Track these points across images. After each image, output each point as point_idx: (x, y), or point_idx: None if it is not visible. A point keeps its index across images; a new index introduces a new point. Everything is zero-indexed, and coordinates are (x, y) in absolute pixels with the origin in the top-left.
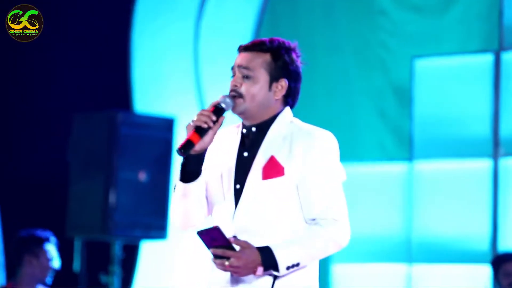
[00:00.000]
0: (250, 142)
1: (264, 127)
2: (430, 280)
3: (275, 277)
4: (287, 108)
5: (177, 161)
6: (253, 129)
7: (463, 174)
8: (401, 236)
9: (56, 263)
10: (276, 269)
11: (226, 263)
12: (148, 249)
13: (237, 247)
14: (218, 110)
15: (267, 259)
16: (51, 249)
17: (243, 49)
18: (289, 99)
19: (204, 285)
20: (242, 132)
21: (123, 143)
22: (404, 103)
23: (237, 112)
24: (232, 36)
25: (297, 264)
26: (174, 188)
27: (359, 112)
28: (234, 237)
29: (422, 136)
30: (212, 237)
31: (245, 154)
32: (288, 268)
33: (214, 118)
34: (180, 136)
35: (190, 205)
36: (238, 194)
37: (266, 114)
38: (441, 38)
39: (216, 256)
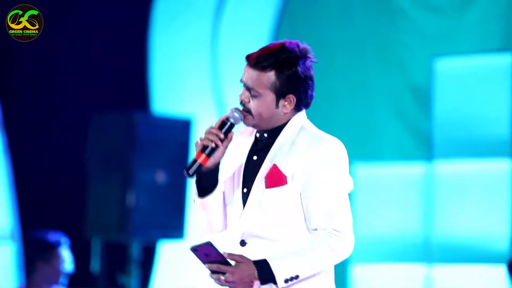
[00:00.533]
0: (262, 145)
1: (275, 132)
2: (449, 280)
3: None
4: (300, 113)
5: None
6: (265, 134)
7: (482, 174)
8: (421, 236)
9: (68, 266)
10: (275, 282)
11: (222, 278)
12: (165, 249)
13: (233, 262)
14: (225, 126)
15: (263, 273)
16: (63, 252)
17: (248, 63)
18: (301, 106)
19: None
20: (256, 135)
21: (140, 144)
22: (423, 103)
23: (247, 125)
24: (250, 36)
25: (296, 277)
26: (194, 201)
27: (378, 113)
28: (233, 253)
29: (441, 136)
30: (206, 253)
31: (255, 157)
32: (286, 281)
33: (222, 136)
34: (196, 137)
35: (211, 215)
36: (245, 198)
37: (277, 123)
38: (460, 37)
39: (212, 271)
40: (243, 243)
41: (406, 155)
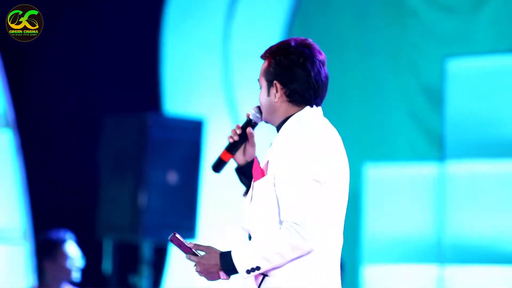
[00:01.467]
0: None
1: (279, 129)
2: (462, 281)
3: (263, 277)
4: (303, 109)
5: (206, 162)
6: (276, 131)
7: (494, 174)
8: (433, 237)
9: (77, 261)
10: (237, 273)
11: (193, 267)
12: (177, 250)
13: (202, 253)
14: (247, 123)
15: (225, 263)
16: (69, 249)
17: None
18: (295, 99)
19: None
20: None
21: (152, 145)
22: (435, 103)
23: (265, 122)
24: (263, 36)
25: (258, 268)
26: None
27: (391, 113)
28: (199, 243)
29: (453, 137)
30: (179, 244)
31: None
32: (248, 271)
33: (239, 132)
34: (209, 138)
35: None
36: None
37: (278, 118)
38: (472, 38)
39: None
40: (249, 237)
41: (419, 156)
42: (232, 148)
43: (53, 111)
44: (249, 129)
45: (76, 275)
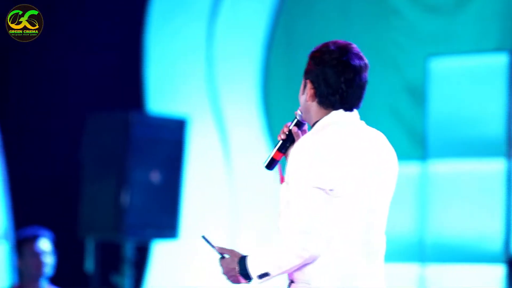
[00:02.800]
0: None
1: None
2: (443, 280)
3: (290, 284)
4: (330, 114)
5: (189, 161)
6: None
7: (476, 174)
8: (415, 236)
9: (47, 257)
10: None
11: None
12: (160, 249)
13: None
14: (294, 122)
15: (242, 268)
16: (38, 245)
17: None
18: (323, 102)
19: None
20: None
21: (136, 144)
22: (418, 103)
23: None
24: (246, 36)
25: (267, 274)
26: None
27: (373, 112)
28: (224, 247)
29: (436, 136)
30: (209, 245)
31: None
32: (260, 277)
33: (286, 131)
34: (192, 137)
35: None
36: None
37: (312, 119)
38: (455, 37)
39: None
40: None
41: (401, 155)
42: (281, 147)
43: (36, 109)
44: (294, 128)
45: (48, 271)
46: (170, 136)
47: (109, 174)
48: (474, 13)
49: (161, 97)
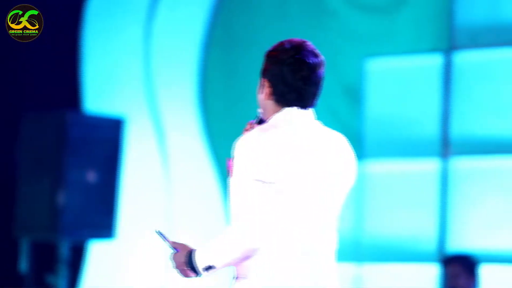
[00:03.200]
0: None
1: None
2: (379, 279)
3: (236, 279)
4: (285, 110)
5: (126, 161)
6: None
7: (412, 173)
8: (351, 236)
9: None
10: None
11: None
12: (96, 249)
13: None
14: (256, 120)
15: (189, 262)
16: None
17: None
18: (279, 99)
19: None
20: None
21: (72, 143)
22: (355, 103)
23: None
24: (183, 36)
25: (212, 267)
26: None
27: None
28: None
29: (372, 136)
30: (163, 239)
31: None
32: (205, 270)
33: (249, 128)
34: (129, 137)
35: None
36: None
37: (268, 116)
38: (391, 38)
39: None
40: None
41: None
42: None
43: None
44: (256, 126)
45: None
46: (107, 136)
47: (45, 174)
48: (410, 14)
49: (98, 97)
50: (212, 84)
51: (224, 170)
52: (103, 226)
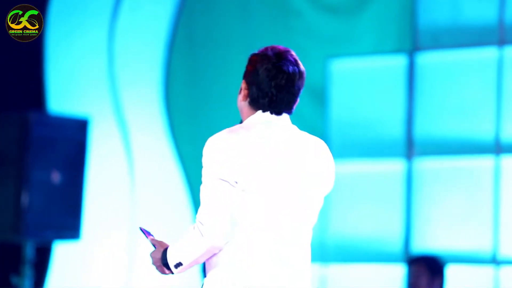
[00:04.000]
0: None
1: None
2: (344, 280)
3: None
4: (258, 113)
5: (91, 162)
6: None
7: (377, 174)
8: (316, 236)
9: None
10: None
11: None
12: (61, 250)
13: None
14: (240, 121)
15: (163, 259)
16: None
17: None
18: (253, 103)
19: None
20: None
21: (35, 144)
22: (319, 104)
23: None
24: (147, 36)
25: (181, 264)
26: None
27: None
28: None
29: (337, 137)
30: (145, 236)
31: None
32: (175, 267)
33: None
34: (94, 137)
35: None
36: None
37: (243, 119)
38: (355, 38)
39: None
40: None
41: None
42: None
43: None
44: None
45: None
46: (71, 136)
47: (8, 174)
48: (373, 15)
49: (62, 97)
50: (176, 84)
51: (188, 170)
52: (68, 227)
